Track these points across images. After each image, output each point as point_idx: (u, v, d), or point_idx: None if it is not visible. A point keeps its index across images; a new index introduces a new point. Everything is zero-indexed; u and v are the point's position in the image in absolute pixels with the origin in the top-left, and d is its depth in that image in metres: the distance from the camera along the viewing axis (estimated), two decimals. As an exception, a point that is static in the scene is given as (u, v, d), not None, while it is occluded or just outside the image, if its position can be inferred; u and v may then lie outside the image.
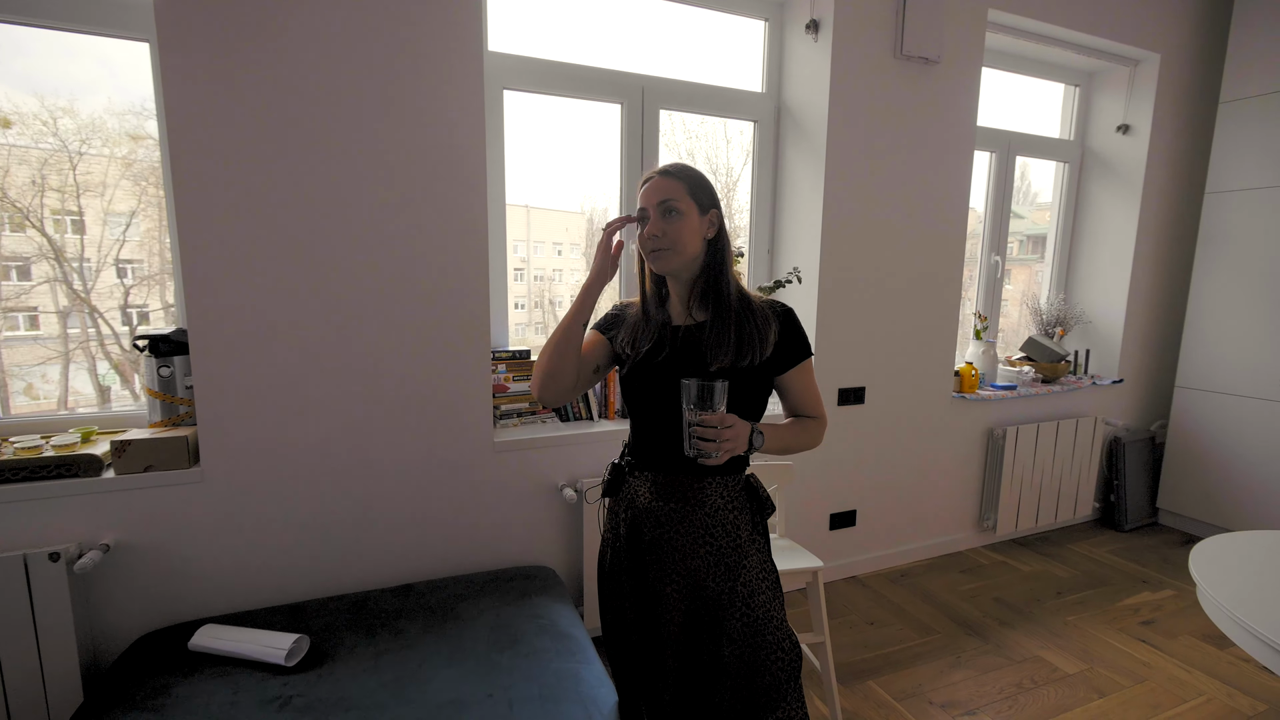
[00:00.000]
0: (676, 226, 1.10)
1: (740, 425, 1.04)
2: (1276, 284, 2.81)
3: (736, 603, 1.11)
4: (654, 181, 1.13)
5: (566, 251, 2.46)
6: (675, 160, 1.22)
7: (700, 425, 1.01)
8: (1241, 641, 1.29)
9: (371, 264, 1.76)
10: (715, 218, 1.15)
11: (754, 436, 1.08)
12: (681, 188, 1.11)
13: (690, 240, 1.12)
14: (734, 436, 1.02)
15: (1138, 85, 3.06)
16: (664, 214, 1.11)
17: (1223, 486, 3.02)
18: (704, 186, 1.14)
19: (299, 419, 1.74)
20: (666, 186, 1.11)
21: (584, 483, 2.06)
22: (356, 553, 1.86)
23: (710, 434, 1.01)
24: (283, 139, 1.63)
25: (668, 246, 1.11)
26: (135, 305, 1.96)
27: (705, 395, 1.00)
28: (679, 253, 1.12)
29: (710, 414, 1.01)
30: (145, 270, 1.95)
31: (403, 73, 1.72)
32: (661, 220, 1.11)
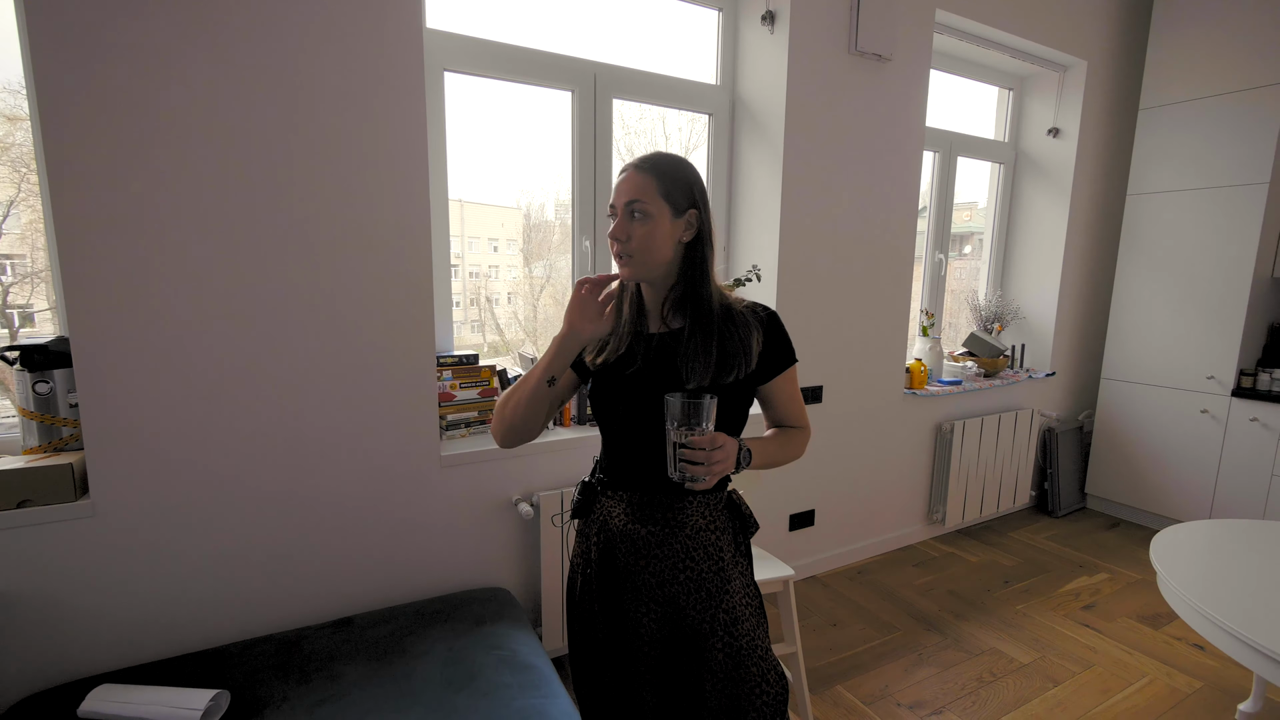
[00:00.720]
0: (643, 231, 0.97)
1: (730, 444, 0.93)
2: (1190, 282, 2.99)
3: (718, 631, 1.01)
4: (627, 175, 1.00)
5: (503, 248, 2.31)
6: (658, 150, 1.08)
7: (687, 447, 0.91)
8: (1201, 629, 1.32)
9: (300, 261, 1.56)
10: (694, 219, 1.01)
11: (742, 455, 0.98)
12: (652, 186, 0.98)
13: (660, 246, 0.99)
14: (724, 458, 0.92)
15: (1066, 90, 3.19)
16: (630, 216, 0.98)
17: (1144, 472, 3.20)
18: (681, 183, 1.00)
19: (212, 438, 1.52)
20: (636, 184, 0.98)
21: (540, 496, 1.92)
22: (286, 586, 1.65)
23: (699, 456, 0.90)
24: (186, 117, 1.41)
25: (632, 253, 0.99)
26: (16, 306, 1.69)
27: (692, 413, 0.90)
28: (646, 261, 0.99)
29: (698, 434, 0.90)
30: (28, 266, 1.67)
31: (332, 47, 1.52)
32: (628, 223, 0.99)
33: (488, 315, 2.29)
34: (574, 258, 2.26)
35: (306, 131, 1.52)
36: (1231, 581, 1.38)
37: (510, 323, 2.40)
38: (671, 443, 0.92)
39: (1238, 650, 1.23)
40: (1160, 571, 1.42)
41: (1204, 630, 1.29)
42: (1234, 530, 1.63)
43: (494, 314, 2.33)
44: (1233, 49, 2.79)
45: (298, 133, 1.52)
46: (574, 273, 2.27)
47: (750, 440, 1.02)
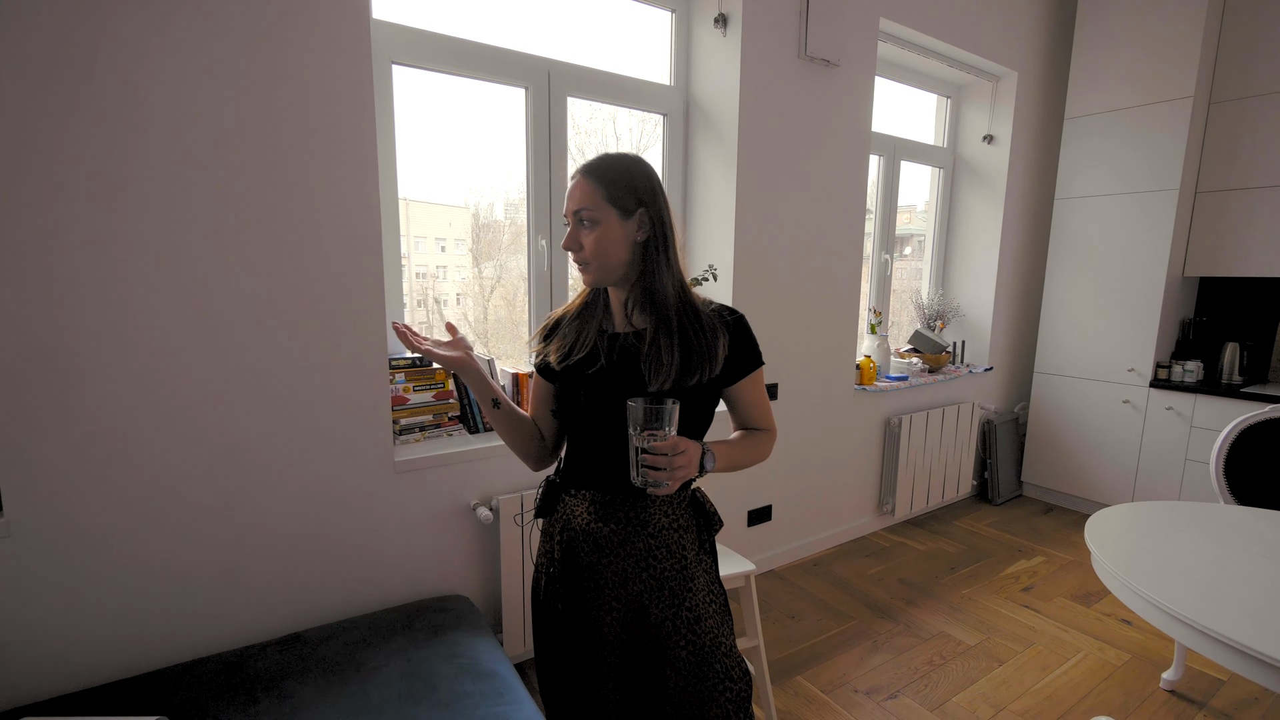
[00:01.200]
0: (594, 238, 0.99)
1: (692, 449, 0.93)
2: (1111, 281, 3.20)
3: (681, 630, 1.01)
4: (574, 183, 1.01)
5: (451, 248, 2.26)
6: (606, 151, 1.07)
7: (649, 452, 0.90)
8: (1135, 606, 1.41)
9: (243, 258, 1.48)
10: (644, 219, 1.01)
11: (705, 459, 0.98)
12: (597, 192, 0.98)
13: (613, 250, 0.99)
14: (686, 463, 0.92)
15: (999, 99, 3.36)
16: (580, 224, 1.00)
17: (1074, 460, 3.41)
18: (627, 186, 0.99)
19: (142, 449, 1.43)
20: (581, 192, 0.99)
21: (500, 500, 1.89)
22: (229, 603, 1.57)
23: (660, 462, 0.90)
24: (101, 106, 1.31)
25: (586, 260, 1.01)
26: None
27: (653, 418, 0.90)
28: (603, 266, 1.01)
29: (660, 440, 0.90)
30: None
31: (274, 31, 1.45)
32: (578, 231, 1.00)
33: (436, 316, 2.23)
34: (529, 257, 2.23)
35: (245, 122, 1.45)
36: (1157, 559, 1.48)
37: (460, 324, 2.35)
38: (634, 447, 0.92)
39: (1163, 621, 1.32)
40: (1094, 552, 1.51)
41: (1134, 604, 1.38)
42: (1158, 511, 1.75)
43: (442, 315, 2.28)
44: (1146, 65, 3.00)
45: (235, 123, 1.44)
46: (530, 272, 2.23)
47: (714, 444, 1.02)
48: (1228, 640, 1.17)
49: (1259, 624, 1.21)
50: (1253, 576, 1.40)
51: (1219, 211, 3.01)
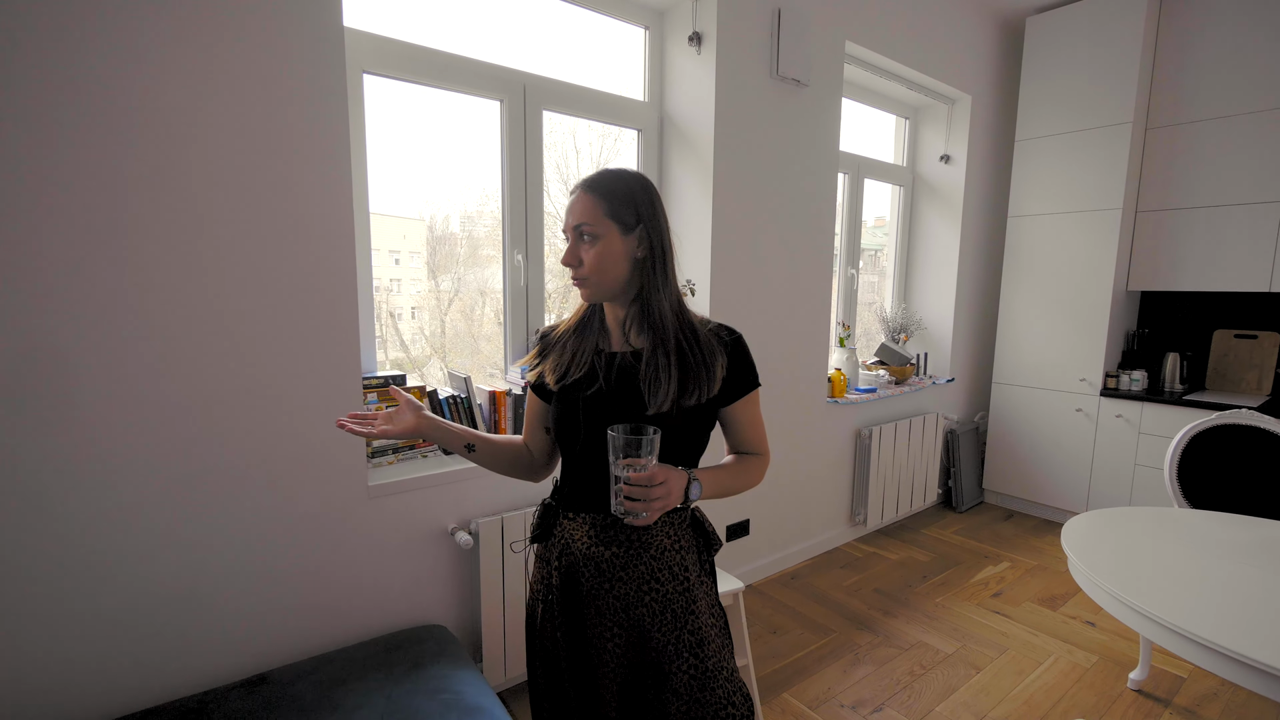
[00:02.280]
0: (594, 253, 0.97)
1: (674, 480, 0.91)
2: (1061, 295, 3.36)
3: (684, 653, 0.99)
4: (575, 197, 1.00)
5: (405, 260, 2.20)
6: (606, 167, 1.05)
7: (629, 485, 0.88)
8: (1110, 608, 1.45)
9: (207, 277, 1.39)
10: (644, 235, 0.99)
11: (691, 487, 0.96)
12: (599, 207, 0.97)
13: (612, 266, 0.98)
14: (665, 494, 0.89)
15: (955, 121, 3.50)
16: (578, 238, 0.98)
17: (1031, 467, 3.54)
18: (629, 202, 0.99)
19: (101, 476, 1.31)
20: (583, 206, 0.98)
21: (479, 523, 1.82)
22: (188, 643, 1.45)
23: (637, 493, 0.88)
24: (65, 114, 1.22)
25: (584, 276, 0.99)
26: None
27: (632, 448, 0.88)
28: (601, 282, 0.99)
29: (638, 470, 0.88)
30: None
31: (246, 37, 1.38)
32: (578, 247, 0.98)
33: (391, 331, 2.16)
34: (505, 272, 2.18)
35: (215, 131, 1.37)
36: (1131, 564, 1.54)
37: (416, 338, 2.28)
38: (613, 477, 0.90)
39: (1143, 625, 1.36)
40: (1072, 558, 1.56)
41: (1115, 610, 1.43)
42: (1126, 517, 1.82)
43: (398, 329, 2.21)
44: (1088, 92, 3.19)
45: (206, 132, 1.36)
46: (506, 287, 2.19)
47: (702, 471, 1.00)
48: (1203, 641, 1.21)
49: (1231, 624, 1.26)
50: (1221, 579, 1.46)
51: (1157, 230, 3.20)
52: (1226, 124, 2.95)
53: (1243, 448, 2.10)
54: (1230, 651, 1.18)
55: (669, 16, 2.41)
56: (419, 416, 1.04)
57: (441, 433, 1.06)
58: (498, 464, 1.14)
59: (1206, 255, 3.06)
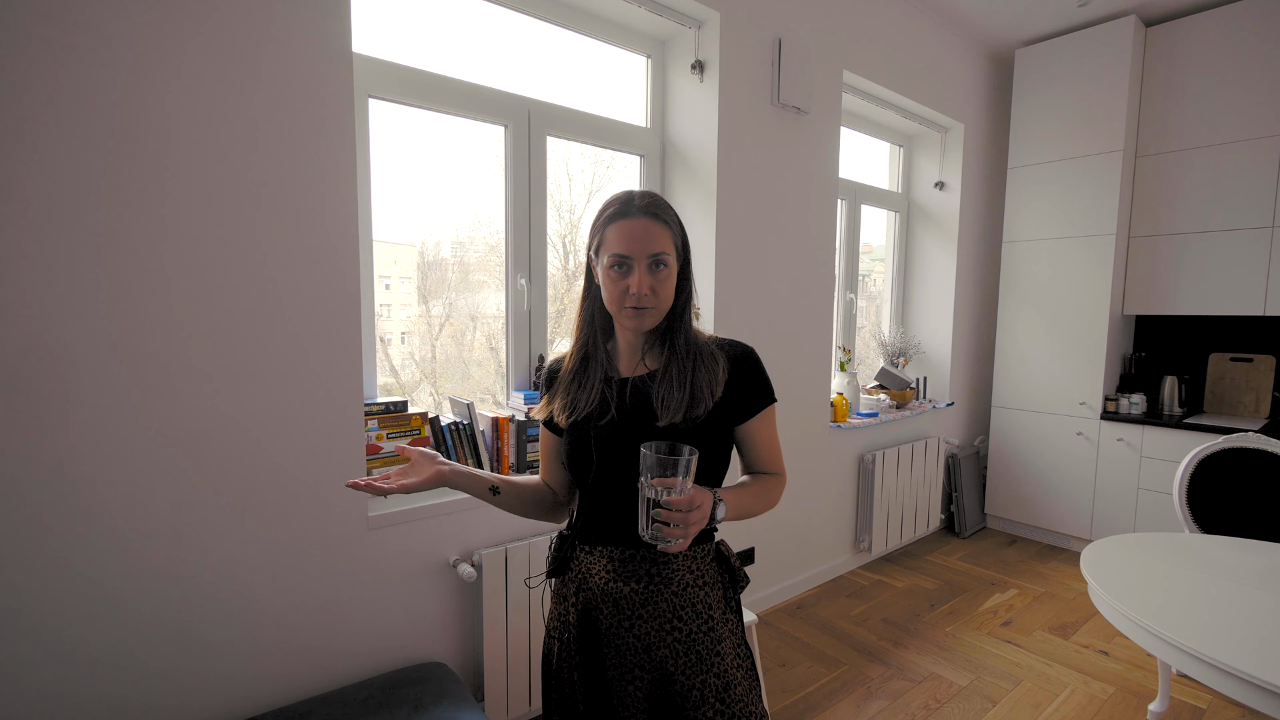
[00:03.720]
0: (666, 282, 0.95)
1: (706, 503, 0.87)
2: (1058, 319, 3.38)
3: (710, 698, 0.94)
4: (639, 224, 0.93)
5: (395, 285, 2.18)
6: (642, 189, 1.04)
7: (663, 506, 0.83)
8: (1131, 633, 1.41)
9: (204, 301, 1.35)
10: (686, 263, 1.00)
11: (716, 508, 0.91)
12: (669, 235, 0.95)
13: (671, 294, 0.97)
14: (700, 519, 0.85)
15: (948, 149, 3.56)
16: (654, 266, 0.93)
17: (1033, 491, 3.51)
18: (682, 230, 1.00)
19: (85, 510, 1.25)
20: (658, 235, 0.93)
21: (482, 555, 1.76)
22: (175, 687, 1.37)
23: (675, 518, 0.83)
24: (70, 140, 1.19)
25: (654, 305, 0.94)
26: None
27: (669, 468, 0.83)
28: (662, 310, 0.97)
29: (676, 492, 0.83)
30: None
31: (254, 63, 1.37)
32: (650, 275, 0.93)
33: (381, 356, 2.12)
34: (508, 297, 2.15)
35: (226, 157, 1.35)
36: (1151, 590, 1.51)
37: (406, 363, 2.24)
38: (644, 498, 0.85)
39: (1158, 647, 1.33)
40: (1092, 585, 1.53)
41: (1130, 632, 1.39)
42: (1143, 543, 1.79)
43: (388, 355, 2.17)
44: (1077, 121, 3.25)
45: (215, 158, 1.33)
46: (508, 311, 2.16)
47: (725, 491, 0.96)
48: (1220, 664, 1.19)
49: (1249, 648, 1.23)
50: (1239, 604, 1.43)
51: (1150, 255, 3.24)
52: (1214, 152, 3.02)
53: (1250, 471, 2.09)
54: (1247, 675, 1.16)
55: (671, 45, 2.44)
56: (439, 466, 0.98)
57: (464, 479, 1.01)
58: (523, 506, 1.09)
59: (1199, 280, 3.09)
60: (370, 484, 0.93)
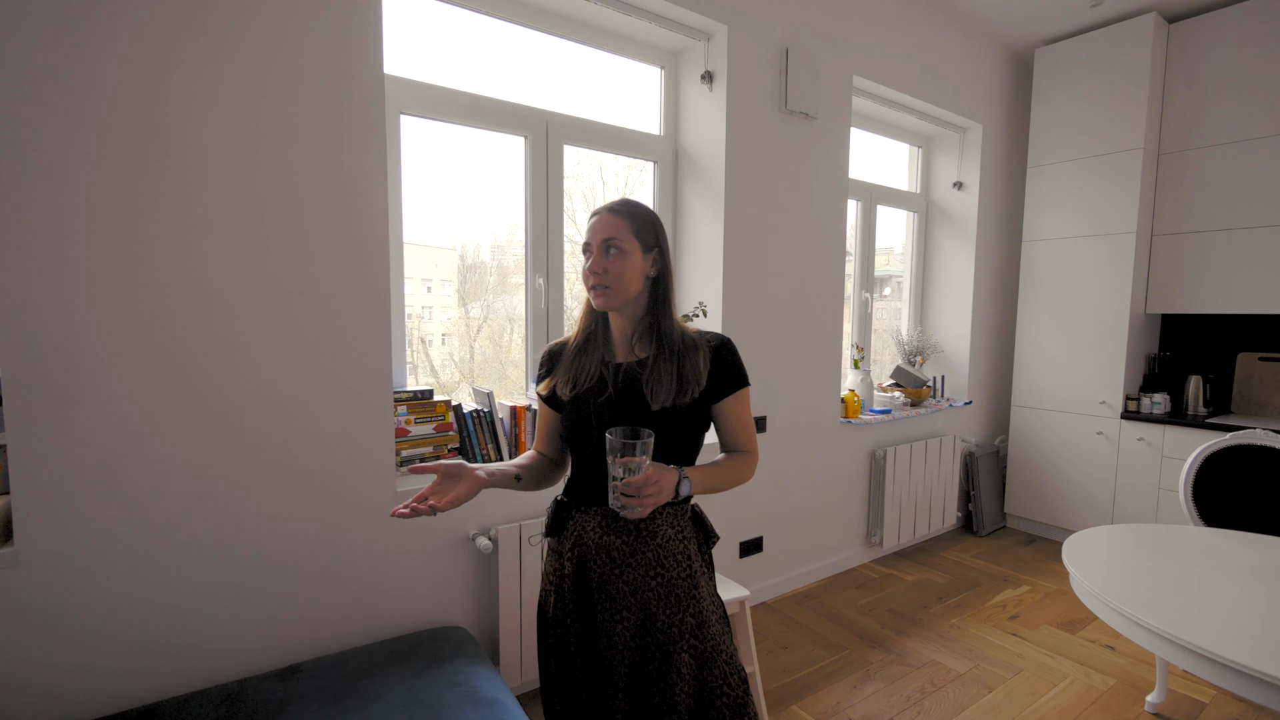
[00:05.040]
0: (619, 264, 1.10)
1: (665, 478, 1.01)
2: (1079, 317, 3.37)
3: (686, 635, 1.08)
4: (601, 217, 1.12)
5: (437, 289, 2.34)
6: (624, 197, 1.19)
7: (625, 483, 0.98)
8: (1109, 619, 1.47)
9: (250, 295, 1.55)
10: (657, 257, 1.14)
11: (681, 485, 1.06)
12: (626, 226, 1.11)
13: (632, 279, 1.11)
14: (656, 492, 0.99)
15: (966, 149, 3.58)
16: (606, 251, 1.10)
17: (1053, 490, 3.50)
18: (649, 225, 1.14)
19: (150, 479, 1.46)
20: (612, 224, 1.11)
21: (498, 529, 1.92)
22: (227, 635, 1.57)
23: (633, 490, 0.98)
24: (128, 152, 1.40)
25: (609, 284, 1.10)
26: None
27: (629, 450, 0.98)
28: (619, 291, 1.11)
29: (633, 469, 0.98)
30: None
31: (297, 88, 1.56)
32: (604, 258, 1.10)
33: (421, 356, 2.28)
34: (527, 294, 2.32)
35: (270, 168, 1.54)
36: (1132, 577, 1.56)
37: (445, 364, 2.39)
38: (611, 475, 1.00)
39: (1138, 634, 1.39)
40: (1072, 571, 1.59)
41: (1110, 619, 1.45)
42: (1130, 533, 1.83)
43: (428, 355, 2.33)
44: (1097, 119, 3.24)
45: (261, 169, 1.53)
46: (528, 308, 2.32)
47: (692, 469, 1.10)
48: (1187, 644, 1.24)
49: (1219, 630, 1.28)
50: (1214, 587, 1.48)
51: (1173, 253, 3.21)
52: (1239, 149, 2.98)
53: (1257, 468, 2.09)
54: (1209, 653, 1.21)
55: (683, 57, 2.57)
56: (477, 474, 1.06)
57: (498, 478, 1.13)
58: (537, 482, 1.23)
59: (1225, 278, 3.05)
60: (417, 507, 0.97)
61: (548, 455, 1.26)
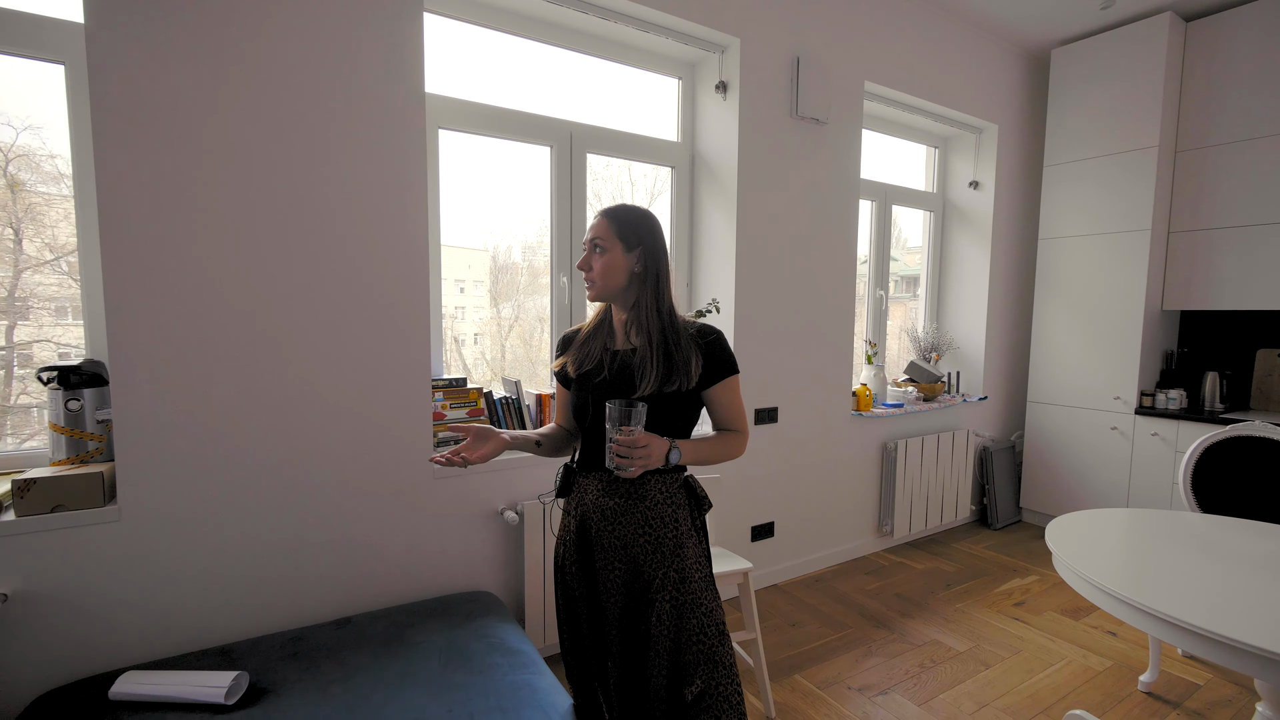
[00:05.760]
0: (601, 261, 1.26)
1: (656, 444, 1.17)
2: (1094, 314, 3.41)
3: (669, 586, 1.22)
4: (595, 220, 1.30)
5: (469, 289, 2.48)
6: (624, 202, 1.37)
7: (618, 444, 1.15)
8: (1091, 597, 1.58)
9: (312, 292, 1.77)
10: (641, 255, 1.28)
11: (671, 452, 1.21)
12: (609, 227, 1.27)
13: (614, 274, 1.27)
14: (647, 455, 1.15)
15: (982, 149, 3.65)
16: (593, 249, 1.27)
17: (1068, 485, 3.55)
18: (633, 226, 1.28)
19: (228, 451, 1.70)
20: (598, 225, 1.28)
21: (524, 505, 2.12)
22: (290, 588, 1.80)
23: (625, 452, 1.14)
24: (224, 173, 1.63)
25: (594, 279, 1.28)
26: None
27: (624, 418, 1.15)
28: (605, 285, 1.27)
29: (628, 435, 1.14)
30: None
31: (352, 108, 1.78)
32: (591, 255, 1.28)
33: (454, 356, 2.45)
34: (552, 293, 2.51)
35: (327, 182, 1.77)
36: (1115, 555, 1.66)
37: (478, 362, 2.55)
38: (609, 438, 1.16)
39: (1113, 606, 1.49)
40: (1055, 550, 1.70)
41: (1084, 590, 1.56)
42: (1118, 516, 1.92)
43: (461, 354, 2.48)
44: (1113, 119, 3.28)
45: (319, 184, 1.75)
46: (553, 308, 2.51)
47: (683, 441, 1.26)
48: (1155, 612, 1.35)
49: (1182, 598, 1.39)
50: (1197, 567, 1.58)
51: (1191, 250, 3.23)
52: (1257, 145, 2.99)
53: (1254, 458, 2.15)
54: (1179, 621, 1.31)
55: (699, 68, 2.73)
56: (501, 436, 1.26)
57: (519, 441, 1.33)
58: (556, 448, 1.42)
59: (1243, 274, 3.07)
60: (451, 458, 1.19)
61: (565, 427, 1.44)
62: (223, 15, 1.61)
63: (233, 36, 1.62)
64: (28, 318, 1.78)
